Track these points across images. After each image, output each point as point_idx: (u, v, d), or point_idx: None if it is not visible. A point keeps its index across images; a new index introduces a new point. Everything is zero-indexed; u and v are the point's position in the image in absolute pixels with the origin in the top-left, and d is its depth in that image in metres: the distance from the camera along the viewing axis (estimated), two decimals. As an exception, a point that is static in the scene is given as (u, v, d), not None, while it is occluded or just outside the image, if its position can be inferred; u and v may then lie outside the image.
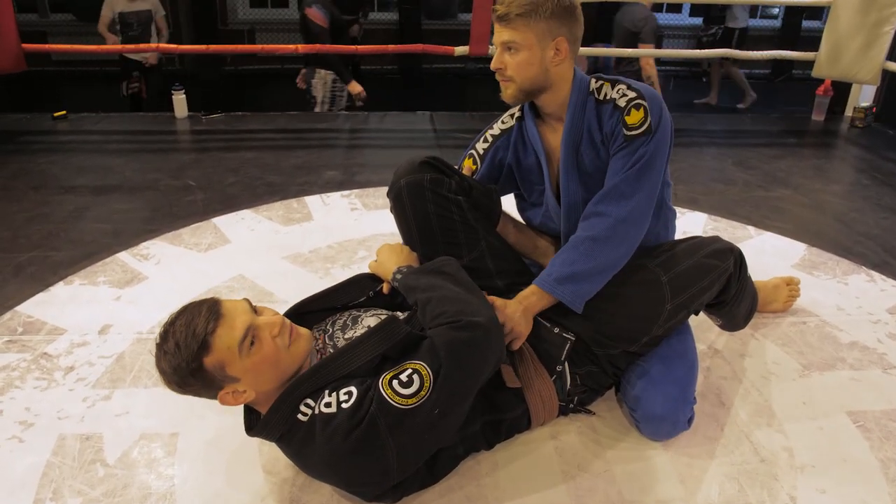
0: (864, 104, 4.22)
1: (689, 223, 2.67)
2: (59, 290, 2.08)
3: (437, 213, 1.53)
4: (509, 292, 1.48)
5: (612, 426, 1.53)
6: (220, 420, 1.51)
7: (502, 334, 1.29)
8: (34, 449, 1.43)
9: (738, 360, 1.81)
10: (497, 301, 1.41)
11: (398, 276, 1.47)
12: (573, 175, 1.53)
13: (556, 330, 1.44)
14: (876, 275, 2.31)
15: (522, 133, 1.64)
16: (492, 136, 1.69)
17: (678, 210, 2.76)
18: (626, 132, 1.45)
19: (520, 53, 1.45)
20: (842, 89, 4.41)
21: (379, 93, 6.62)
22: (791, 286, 2.05)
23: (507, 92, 1.52)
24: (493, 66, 1.50)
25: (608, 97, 1.49)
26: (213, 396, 1.22)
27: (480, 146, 1.69)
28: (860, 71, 3.83)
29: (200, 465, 1.40)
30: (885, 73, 4.02)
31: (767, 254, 2.44)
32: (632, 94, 1.46)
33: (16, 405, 1.56)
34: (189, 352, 1.15)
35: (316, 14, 3.96)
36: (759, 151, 3.72)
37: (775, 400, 1.65)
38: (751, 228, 2.65)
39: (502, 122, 1.68)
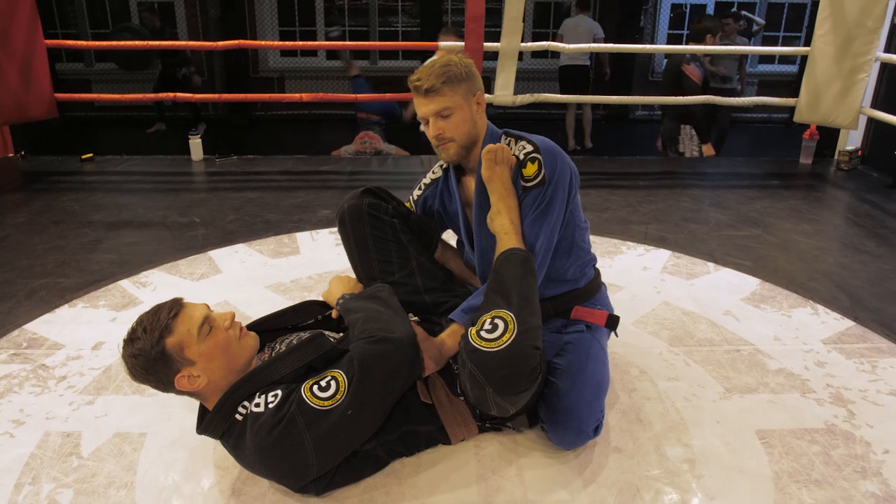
0: (850, 147, 4.34)
1: (652, 260, 2.83)
2: (64, 311, 2.34)
3: (372, 234, 1.76)
4: (436, 306, 1.68)
5: (532, 439, 1.69)
6: (184, 423, 1.72)
7: (418, 350, 1.48)
8: (22, 443, 1.66)
9: (664, 382, 1.96)
10: (420, 333, 1.61)
11: (340, 302, 1.69)
12: (485, 224, 1.72)
13: (456, 368, 1.62)
14: (821, 308, 2.43)
15: (448, 182, 1.85)
16: (424, 184, 1.92)
17: (643, 247, 2.97)
18: (523, 183, 1.65)
19: (455, 115, 1.68)
20: (830, 133, 4.54)
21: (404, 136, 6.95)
22: None
23: (450, 152, 1.72)
24: (431, 134, 1.70)
25: (512, 152, 1.70)
26: (170, 383, 1.40)
27: (416, 192, 1.93)
28: (838, 116, 3.98)
29: (162, 460, 1.61)
30: (871, 119, 4.17)
31: (720, 288, 2.58)
32: (529, 149, 1.67)
33: (12, 407, 1.80)
34: (154, 335, 1.36)
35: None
36: (739, 193, 3.87)
37: (690, 418, 1.80)
38: (710, 265, 2.80)
39: (433, 172, 1.91)
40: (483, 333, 1.40)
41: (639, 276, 2.68)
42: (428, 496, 1.51)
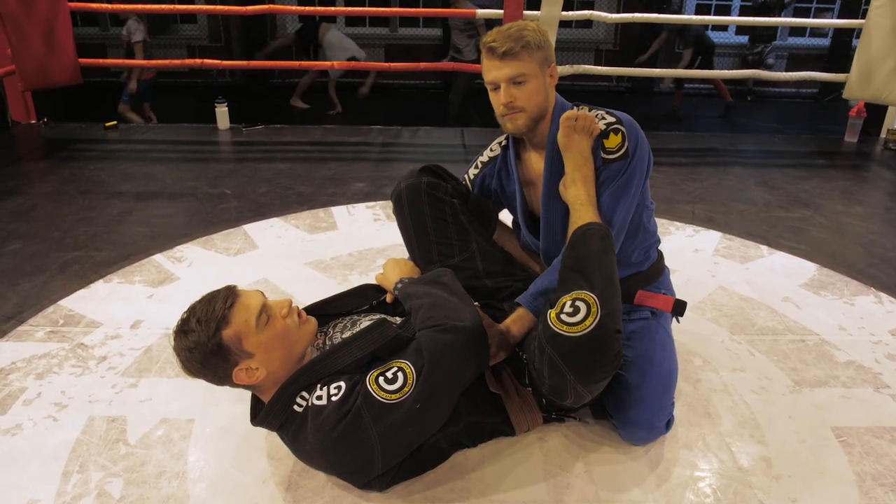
0: (899, 126, 4.18)
1: (703, 241, 2.72)
2: (99, 287, 2.26)
3: (431, 214, 1.66)
4: (497, 291, 1.58)
5: (598, 431, 1.61)
6: (232, 409, 1.64)
7: (486, 339, 1.39)
8: (66, 427, 1.59)
9: (730, 374, 1.86)
10: (486, 320, 1.51)
11: (399, 286, 1.59)
12: (555, 195, 1.61)
13: (523, 356, 1.52)
14: (884, 296, 2.32)
15: (506, 161, 1.74)
16: (481, 162, 1.80)
17: (692, 228, 2.85)
18: (603, 155, 1.53)
19: (529, 83, 1.54)
20: (877, 111, 4.37)
21: (421, 106, 6.80)
22: None
23: (518, 123, 1.58)
24: (502, 101, 1.55)
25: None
26: (227, 376, 1.32)
27: (472, 171, 1.81)
28: (892, 93, 3.81)
29: (212, 449, 1.54)
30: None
31: (777, 273, 2.48)
32: (611, 119, 1.55)
33: (53, 389, 1.73)
34: (210, 326, 1.27)
35: None
36: (785, 172, 3.73)
37: (761, 413, 1.71)
38: (763, 248, 2.68)
39: (490, 150, 1.79)
40: (564, 317, 1.29)
41: (691, 259, 2.57)
42: (494, 492, 1.43)
